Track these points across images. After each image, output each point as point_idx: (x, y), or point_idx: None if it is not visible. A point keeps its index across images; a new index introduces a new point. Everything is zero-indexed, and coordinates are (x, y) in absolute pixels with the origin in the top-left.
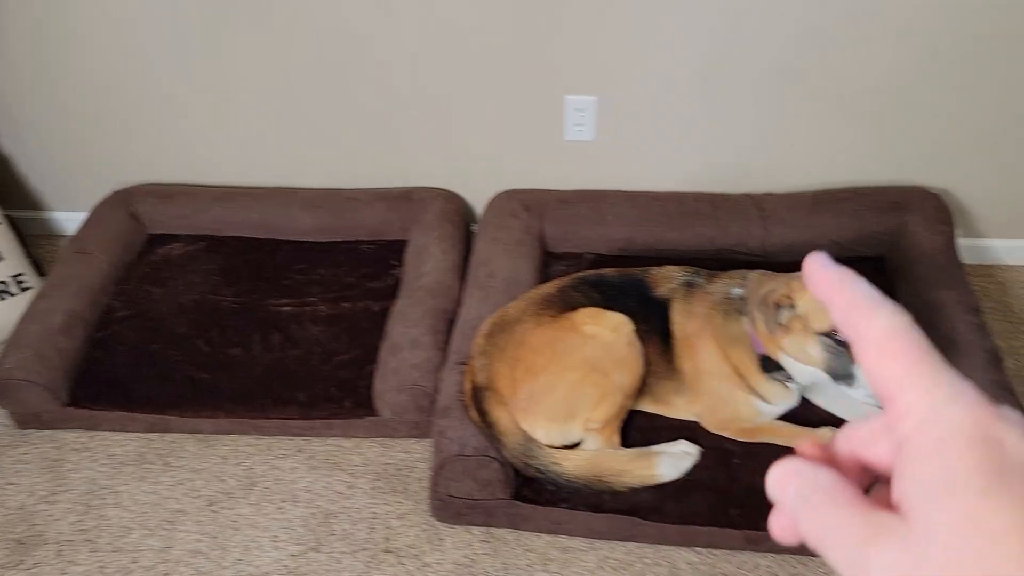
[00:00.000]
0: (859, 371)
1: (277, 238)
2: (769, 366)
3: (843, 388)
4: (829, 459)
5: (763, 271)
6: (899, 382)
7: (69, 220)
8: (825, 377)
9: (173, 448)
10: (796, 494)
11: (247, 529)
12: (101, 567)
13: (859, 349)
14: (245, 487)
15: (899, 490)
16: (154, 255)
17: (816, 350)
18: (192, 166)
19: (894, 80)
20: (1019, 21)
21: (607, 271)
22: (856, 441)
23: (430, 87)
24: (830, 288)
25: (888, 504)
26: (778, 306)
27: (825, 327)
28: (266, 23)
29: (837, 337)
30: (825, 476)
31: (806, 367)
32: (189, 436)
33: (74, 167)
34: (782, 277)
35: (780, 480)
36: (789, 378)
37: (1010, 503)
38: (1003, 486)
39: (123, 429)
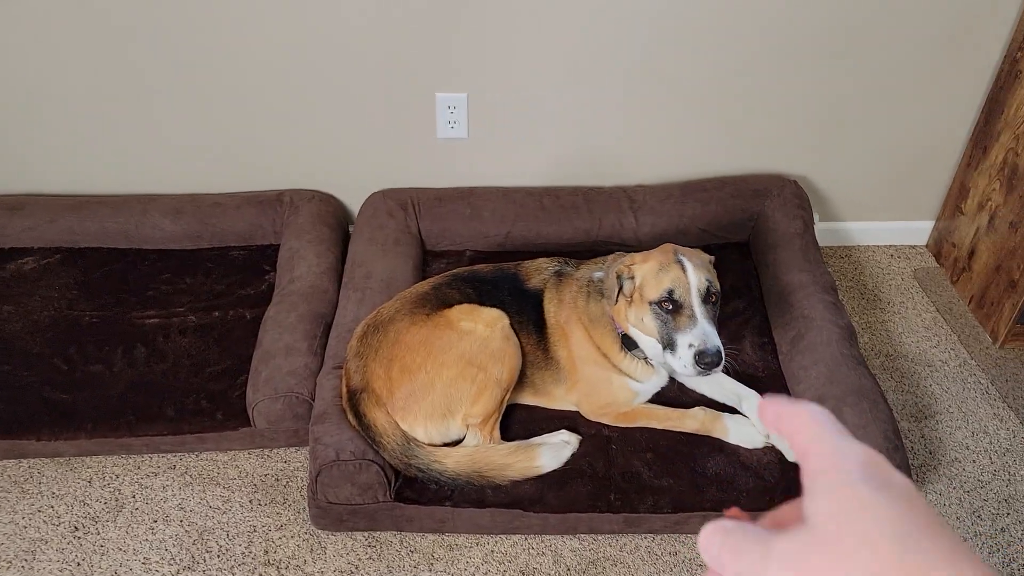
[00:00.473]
0: (679, 340)
1: (139, 247)
2: (628, 344)
3: (668, 356)
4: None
5: (620, 252)
6: (814, 440)
7: None
8: (658, 346)
9: (31, 474)
10: (722, 544)
11: (115, 553)
12: None
13: (788, 432)
14: (112, 510)
15: (805, 508)
16: (3, 271)
17: (649, 318)
18: (40, 175)
19: (752, 74)
20: (867, 16)
21: (481, 267)
22: (778, 515)
23: (301, 86)
24: (774, 410)
25: None
26: (619, 277)
27: (655, 296)
28: (122, 19)
29: (664, 306)
30: (746, 525)
31: (648, 338)
32: (49, 460)
33: None
34: (631, 255)
35: (708, 536)
36: (646, 356)
37: (884, 495)
38: (880, 485)
39: None
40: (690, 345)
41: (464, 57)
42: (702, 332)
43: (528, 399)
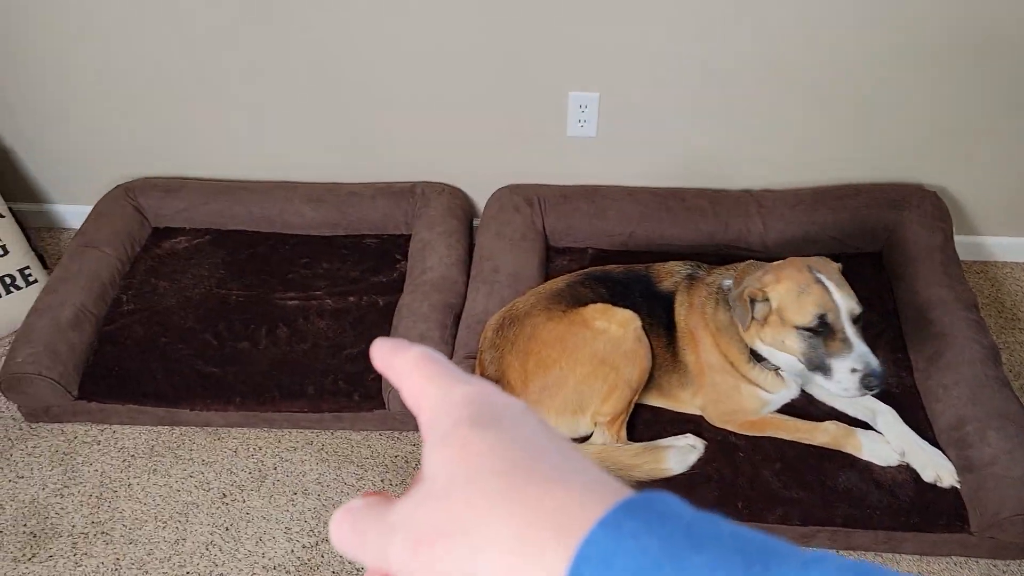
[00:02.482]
0: (836, 366)
1: (281, 232)
2: (756, 356)
3: (819, 378)
4: (382, 495)
5: (752, 261)
6: (423, 390)
7: (71, 213)
8: (799, 366)
9: (183, 441)
10: (351, 527)
11: (260, 521)
12: (116, 559)
13: (397, 380)
14: (256, 480)
15: (423, 464)
16: (159, 249)
17: (792, 341)
18: (194, 160)
19: (893, 78)
20: (1013, 21)
21: (612, 267)
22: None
23: (435, 83)
24: (381, 355)
25: None
26: (752, 301)
27: (802, 321)
28: (270, 18)
29: (813, 331)
30: (372, 499)
31: (786, 356)
32: (199, 429)
33: (76, 160)
34: (764, 268)
35: (335, 523)
36: (776, 367)
37: (495, 430)
38: (492, 422)
39: (132, 422)
40: (853, 370)
41: (598, 57)
42: (861, 355)
43: (654, 401)
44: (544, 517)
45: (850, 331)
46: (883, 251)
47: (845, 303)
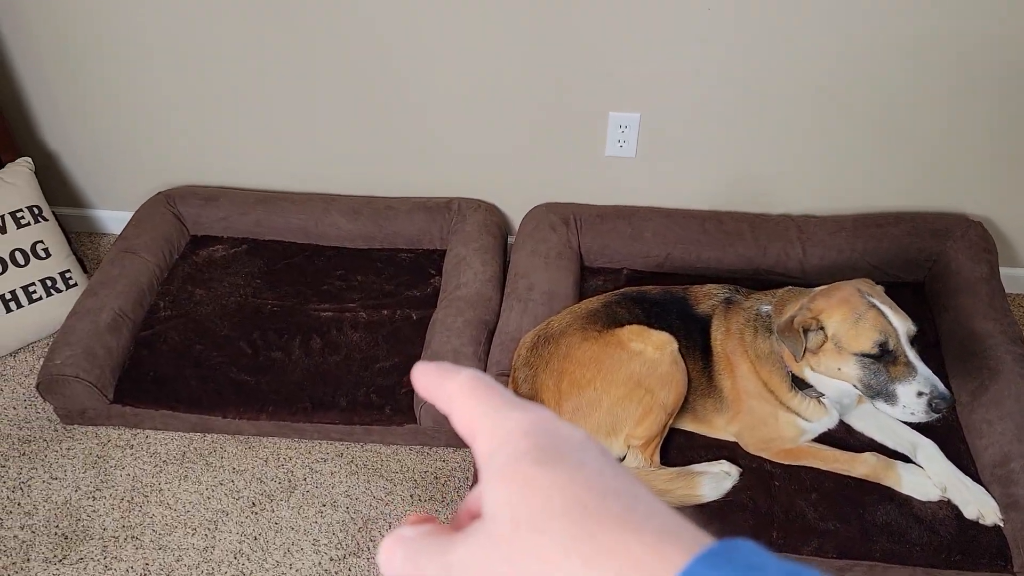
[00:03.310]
0: (901, 391)
1: (317, 243)
2: (800, 383)
3: (880, 405)
4: (430, 521)
5: (790, 288)
6: (476, 417)
7: (111, 218)
8: (854, 392)
9: (214, 448)
10: (404, 557)
11: (288, 532)
12: (145, 564)
13: (447, 405)
14: (286, 490)
15: (482, 498)
16: (197, 256)
17: (851, 369)
18: (234, 169)
19: (939, 105)
20: None
21: (649, 288)
22: (468, 507)
23: (475, 100)
24: (427, 379)
25: None
26: (806, 330)
27: (863, 348)
28: (311, 32)
29: (875, 357)
30: (424, 528)
31: (836, 382)
32: (230, 437)
33: (118, 166)
34: (806, 294)
35: (387, 551)
36: (821, 394)
37: (559, 467)
38: (554, 456)
39: (165, 428)
40: (919, 393)
41: (640, 78)
42: (927, 378)
43: (688, 425)
44: (620, 569)
45: (911, 354)
46: (926, 281)
47: (903, 326)
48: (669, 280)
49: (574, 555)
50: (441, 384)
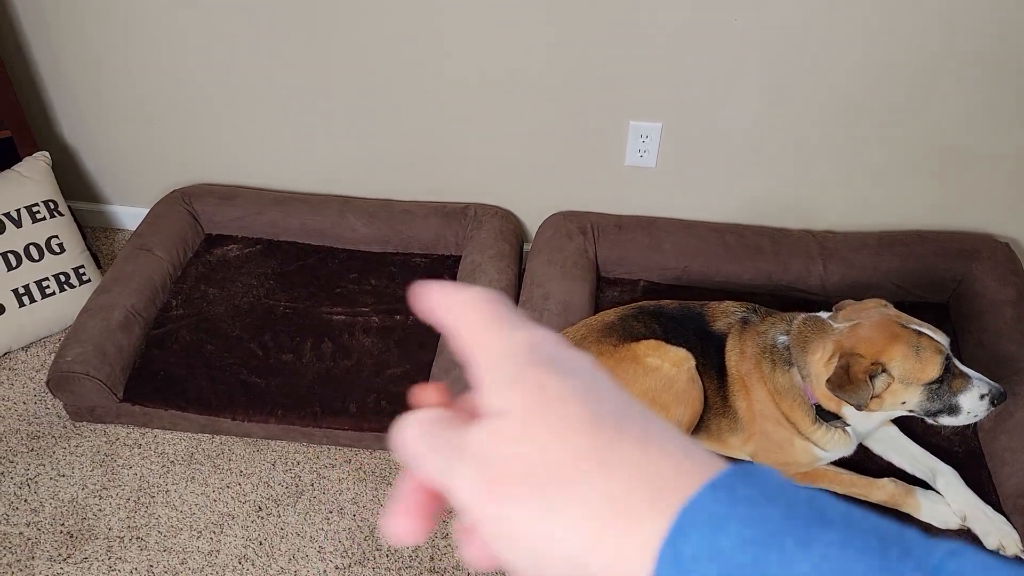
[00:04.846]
0: (964, 400)
1: (331, 246)
2: (826, 415)
3: (944, 420)
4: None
5: (805, 317)
6: (480, 330)
7: (126, 214)
8: (882, 419)
9: (222, 450)
10: (418, 436)
11: (294, 538)
12: (150, 566)
13: (449, 322)
14: (293, 495)
15: (484, 403)
16: (210, 255)
17: (918, 398)
18: (250, 168)
19: (966, 125)
20: None
21: (666, 302)
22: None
23: (494, 105)
24: (430, 296)
25: None
26: (871, 377)
27: (933, 376)
28: (331, 34)
29: (941, 377)
30: (439, 412)
31: (881, 414)
32: (239, 439)
33: (134, 162)
34: (829, 328)
35: (409, 431)
36: (847, 424)
37: (573, 378)
38: (567, 369)
39: (174, 428)
40: (982, 396)
41: (662, 87)
42: (981, 380)
43: (702, 444)
44: (639, 480)
45: (959, 363)
46: (949, 302)
47: (945, 340)
48: (687, 293)
49: (589, 462)
50: (445, 299)
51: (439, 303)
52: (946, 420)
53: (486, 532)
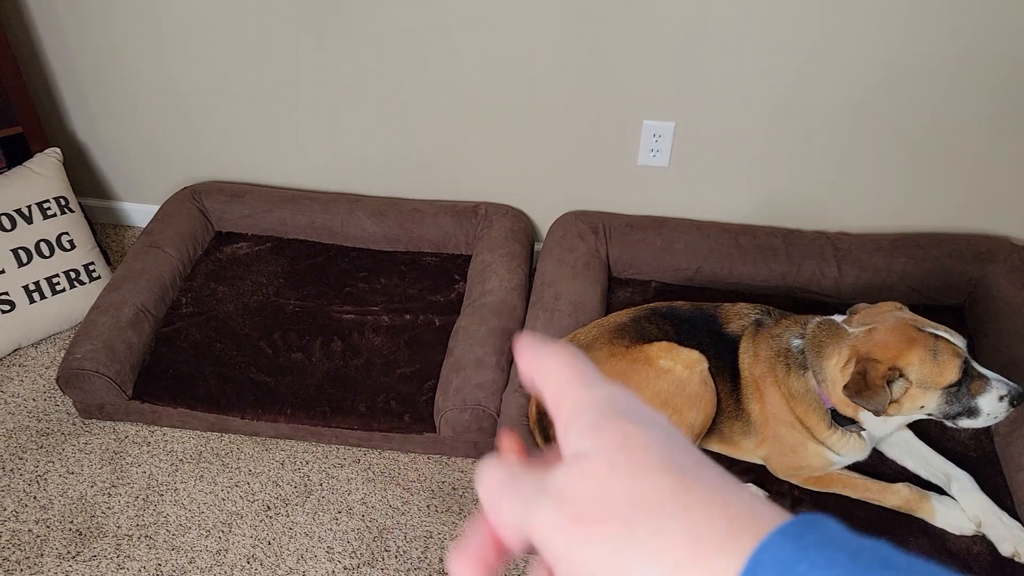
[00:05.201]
0: (983, 402)
1: (341, 244)
2: (841, 419)
3: (964, 423)
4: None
5: (819, 321)
6: (565, 383)
7: (136, 211)
8: (899, 423)
9: (231, 448)
10: (504, 486)
11: (302, 538)
12: (158, 565)
13: (539, 375)
14: (301, 494)
15: (567, 449)
16: (220, 253)
17: (937, 401)
18: (259, 166)
19: (982, 127)
20: None
21: (679, 304)
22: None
23: (506, 104)
24: (528, 351)
25: None
26: (889, 382)
27: (951, 378)
28: (339, 33)
29: (960, 380)
30: (523, 461)
31: (898, 418)
32: (247, 438)
33: (145, 159)
34: (844, 333)
35: (494, 478)
36: (863, 428)
37: (653, 430)
38: (647, 421)
39: (183, 426)
40: (1001, 397)
41: (676, 86)
42: (1000, 381)
43: (715, 447)
44: (717, 520)
45: (977, 364)
46: (964, 305)
47: (962, 341)
48: (699, 294)
49: (670, 503)
50: (533, 355)
51: (529, 360)
52: (965, 423)
53: (564, 568)
